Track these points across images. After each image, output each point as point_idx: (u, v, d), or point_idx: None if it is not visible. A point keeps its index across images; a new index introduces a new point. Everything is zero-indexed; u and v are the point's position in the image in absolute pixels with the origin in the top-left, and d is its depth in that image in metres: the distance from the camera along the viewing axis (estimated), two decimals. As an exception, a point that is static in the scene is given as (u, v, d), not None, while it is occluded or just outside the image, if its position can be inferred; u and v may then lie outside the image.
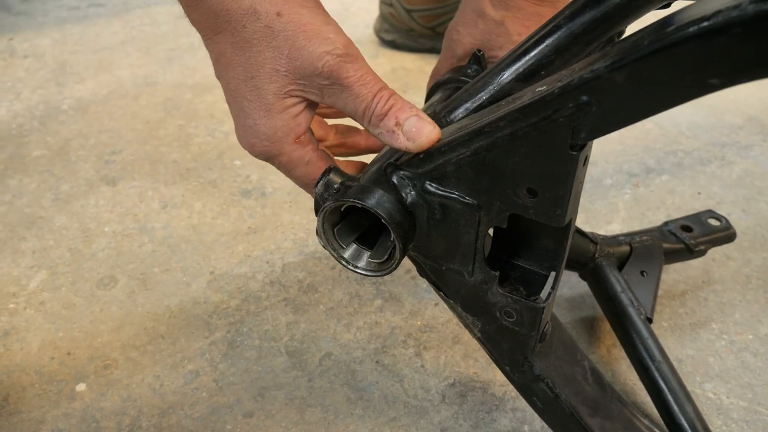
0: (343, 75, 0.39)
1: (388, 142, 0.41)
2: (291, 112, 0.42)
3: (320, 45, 0.39)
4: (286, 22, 0.38)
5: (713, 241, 0.69)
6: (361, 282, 0.74)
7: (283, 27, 0.38)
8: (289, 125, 0.42)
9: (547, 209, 0.38)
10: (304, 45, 0.39)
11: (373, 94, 0.40)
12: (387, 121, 0.40)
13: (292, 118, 0.42)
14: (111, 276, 0.75)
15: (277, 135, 0.42)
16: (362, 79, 0.40)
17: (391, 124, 0.40)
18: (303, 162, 0.44)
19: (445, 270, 0.46)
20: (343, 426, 0.58)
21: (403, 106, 0.40)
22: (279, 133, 0.42)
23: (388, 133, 0.40)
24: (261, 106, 0.41)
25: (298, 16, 0.38)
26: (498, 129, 0.37)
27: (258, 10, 0.38)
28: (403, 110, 0.40)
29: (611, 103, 0.32)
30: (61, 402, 0.61)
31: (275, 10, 0.38)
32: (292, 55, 0.39)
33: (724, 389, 0.62)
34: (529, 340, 0.46)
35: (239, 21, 0.39)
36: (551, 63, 0.46)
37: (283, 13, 0.38)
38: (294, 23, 0.38)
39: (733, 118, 1.05)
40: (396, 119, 0.40)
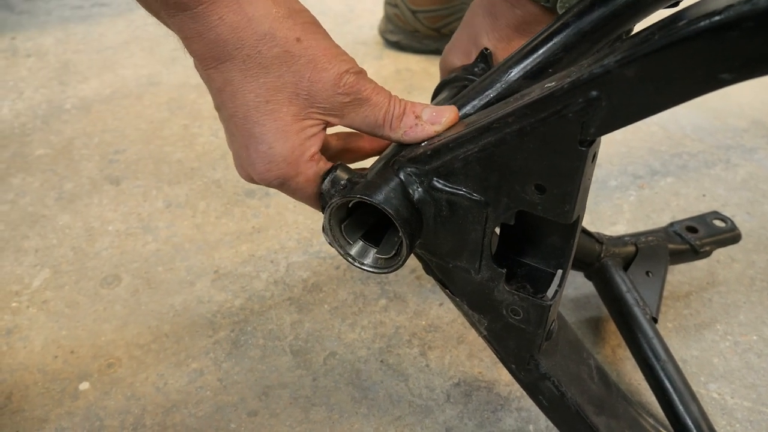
0: (362, 89, 0.42)
1: (413, 136, 0.43)
2: (307, 133, 0.43)
3: (340, 65, 0.41)
4: (306, 47, 0.40)
5: (718, 242, 0.68)
6: (365, 282, 0.73)
7: (304, 52, 0.40)
8: (305, 145, 0.43)
9: (555, 206, 0.38)
10: (326, 67, 0.40)
11: (389, 100, 0.43)
12: (407, 119, 0.43)
13: (307, 139, 0.43)
14: (115, 275, 0.75)
15: (294, 155, 0.43)
16: (376, 89, 0.43)
17: (411, 120, 0.43)
18: (317, 180, 0.45)
19: (451, 267, 0.46)
20: (347, 425, 0.58)
21: (415, 103, 0.44)
22: (296, 153, 0.43)
23: (411, 128, 0.43)
24: (277, 129, 0.42)
25: (317, 42, 0.40)
26: (506, 125, 0.37)
27: (276, 36, 0.39)
28: (416, 106, 0.44)
29: (621, 98, 0.32)
30: (65, 400, 0.61)
31: (294, 36, 0.39)
32: (313, 78, 0.40)
33: (728, 389, 0.62)
34: (535, 338, 0.46)
35: (253, 47, 0.39)
36: (559, 61, 0.46)
37: (303, 39, 0.40)
38: (314, 48, 0.40)
39: (738, 122, 1.05)
40: (414, 113, 0.43)
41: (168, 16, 0.38)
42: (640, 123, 1.05)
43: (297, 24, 0.39)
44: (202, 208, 0.85)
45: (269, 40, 0.39)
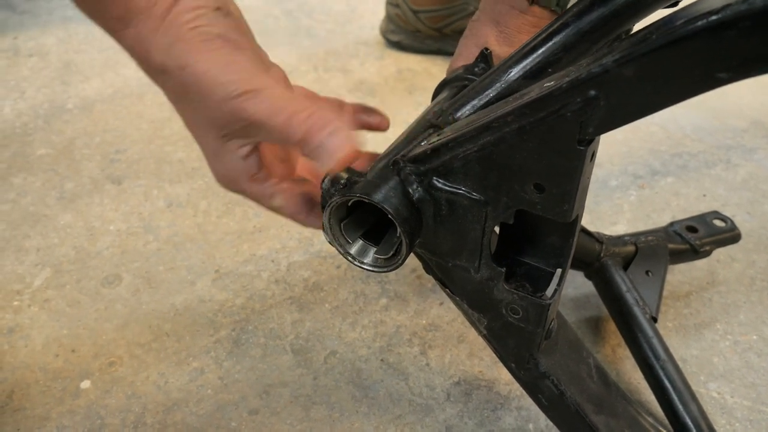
0: (249, 114, 0.37)
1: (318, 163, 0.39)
2: (238, 154, 0.41)
3: (218, 91, 0.37)
4: (190, 74, 0.36)
5: (718, 241, 0.69)
6: (366, 281, 0.74)
7: (189, 80, 0.37)
8: (240, 166, 0.42)
9: (554, 205, 0.38)
10: (208, 95, 0.37)
11: (284, 123, 0.37)
12: (308, 145, 0.38)
13: (241, 159, 0.41)
14: (116, 274, 0.75)
15: (231, 176, 0.42)
16: (270, 110, 0.37)
17: (313, 146, 0.38)
18: (266, 197, 0.44)
19: (451, 266, 0.46)
20: (348, 423, 0.58)
21: (320, 124, 0.38)
22: (233, 174, 0.42)
23: (312, 154, 0.38)
24: (211, 151, 0.42)
25: (199, 65, 0.36)
26: (506, 124, 0.37)
27: (167, 67, 0.37)
28: (320, 129, 0.38)
29: (619, 97, 0.32)
30: (66, 399, 0.61)
31: (179, 64, 0.36)
32: (207, 106, 0.38)
33: (728, 389, 0.62)
34: (534, 337, 0.46)
35: (158, 79, 0.39)
36: (558, 61, 0.46)
37: (187, 65, 0.36)
38: (196, 75, 0.36)
39: (738, 122, 1.05)
40: (317, 142, 0.38)
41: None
42: (640, 123, 1.05)
43: (184, 50, 0.36)
44: (204, 207, 0.86)
45: (162, 72, 0.37)
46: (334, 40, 1.34)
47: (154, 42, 0.37)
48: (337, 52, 1.29)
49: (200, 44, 0.37)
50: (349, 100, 1.16)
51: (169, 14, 0.36)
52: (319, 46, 1.31)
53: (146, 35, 0.36)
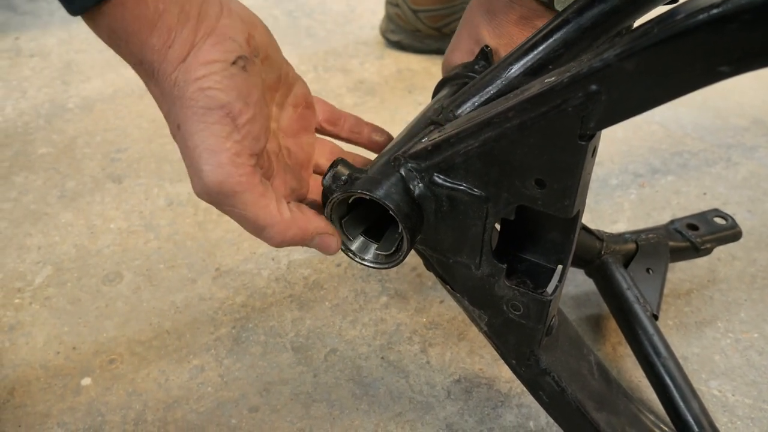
0: (223, 210, 0.38)
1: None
2: None
3: (193, 177, 0.37)
4: (181, 137, 0.36)
5: (719, 239, 0.68)
6: (366, 279, 0.74)
7: (179, 142, 0.36)
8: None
9: (555, 200, 0.38)
10: (187, 166, 0.37)
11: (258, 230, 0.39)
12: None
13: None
14: (116, 272, 0.75)
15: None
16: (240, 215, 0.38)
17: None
18: None
19: (452, 263, 0.46)
20: (348, 421, 0.58)
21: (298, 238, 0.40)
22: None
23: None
24: None
25: (188, 135, 0.35)
26: (507, 120, 0.37)
27: (168, 116, 0.37)
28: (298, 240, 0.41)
29: (621, 92, 0.32)
30: (67, 396, 0.61)
31: (177, 122, 0.36)
32: (189, 170, 0.37)
33: (729, 387, 0.62)
34: (535, 334, 0.46)
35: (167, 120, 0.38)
36: (559, 57, 0.46)
37: (181, 127, 0.36)
38: (183, 142, 0.36)
39: (739, 121, 1.05)
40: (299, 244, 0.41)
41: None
42: (640, 122, 1.05)
43: (184, 108, 0.35)
44: (204, 206, 0.86)
45: (167, 116, 0.37)
46: (334, 40, 1.34)
47: (165, 87, 0.35)
48: (337, 51, 1.29)
49: (199, 113, 0.35)
50: (349, 99, 1.16)
51: (183, 63, 0.35)
52: (318, 45, 1.31)
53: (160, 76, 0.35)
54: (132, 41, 0.34)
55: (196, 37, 0.35)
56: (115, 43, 0.35)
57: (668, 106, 1.09)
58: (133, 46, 0.34)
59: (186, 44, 0.35)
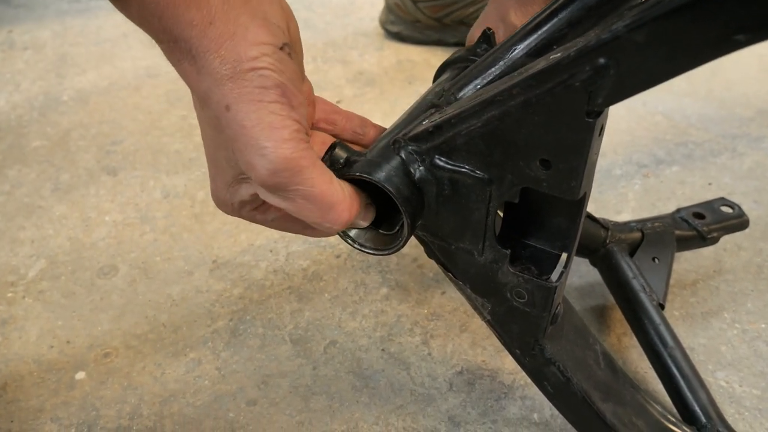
0: (282, 190, 0.36)
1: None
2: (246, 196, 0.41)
3: (255, 157, 0.35)
4: (232, 118, 0.34)
5: (726, 228, 0.67)
6: (366, 270, 0.72)
7: (228, 123, 0.34)
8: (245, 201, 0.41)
9: (561, 181, 0.37)
10: (243, 150, 0.35)
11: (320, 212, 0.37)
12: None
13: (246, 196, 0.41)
14: (111, 265, 0.74)
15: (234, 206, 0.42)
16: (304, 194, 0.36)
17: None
18: (267, 221, 0.43)
19: (454, 249, 0.45)
20: (348, 414, 0.57)
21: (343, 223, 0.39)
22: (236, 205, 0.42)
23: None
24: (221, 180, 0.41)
25: (243, 115, 0.34)
26: (511, 97, 0.35)
27: (210, 98, 0.35)
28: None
29: (631, 65, 0.30)
30: (60, 390, 0.60)
31: (225, 102, 0.34)
32: (236, 153, 0.36)
33: (736, 378, 0.61)
34: (540, 322, 0.44)
35: (200, 101, 0.37)
36: (564, 37, 0.44)
37: (231, 108, 0.34)
38: (237, 123, 0.34)
39: (744, 111, 1.04)
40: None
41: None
42: (643, 112, 1.04)
43: (236, 89, 0.33)
44: (201, 197, 0.84)
45: (206, 100, 0.35)
46: (333, 32, 1.32)
47: (206, 65, 0.33)
48: (336, 43, 1.27)
49: (254, 92, 0.34)
50: (349, 90, 1.14)
51: (230, 41, 0.33)
52: (318, 37, 1.30)
53: (200, 54, 0.33)
54: (166, 16, 0.32)
55: (240, 17, 0.33)
56: (146, 19, 0.32)
57: (672, 96, 1.07)
58: (168, 20, 0.32)
59: (230, 22, 0.33)
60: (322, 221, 0.38)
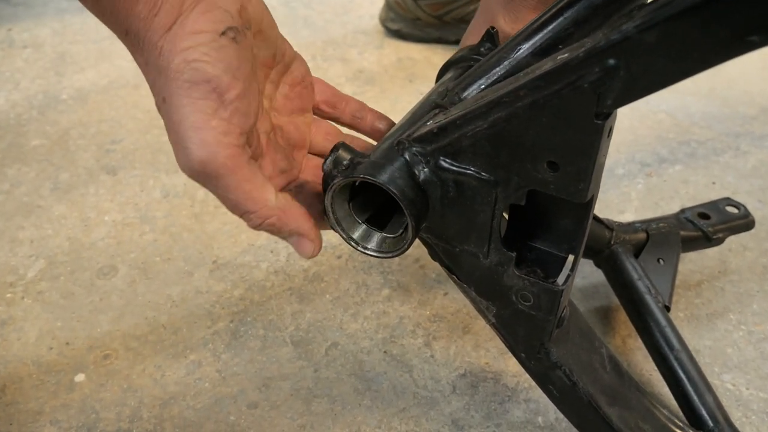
0: (208, 189, 0.37)
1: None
2: None
3: (178, 154, 0.35)
4: (165, 112, 0.34)
5: (732, 228, 0.66)
6: (368, 271, 0.72)
7: (162, 115, 0.35)
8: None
9: (568, 184, 0.36)
10: (173, 145, 0.35)
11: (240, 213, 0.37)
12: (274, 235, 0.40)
13: None
14: (111, 265, 0.73)
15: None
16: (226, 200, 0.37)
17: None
18: None
19: (458, 252, 0.44)
20: (350, 417, 0.56)
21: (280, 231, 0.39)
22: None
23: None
24: None
25: (173, 110, 0.34)
26: (518, 98, 0.35)
27: (153, 87, 0.35)
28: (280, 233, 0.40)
29: (641, 66, 0.30)
30: (60, 393, 0.59)
31: (162, 95, 0.34)
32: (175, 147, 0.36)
33: (743, 380, 0.60)
34: (546, 325, 0.44)
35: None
36: (569, 37, 0.44)
37: (166, 100, 0.34)
38: (168, 116, 0.34)
39: (748, 109, 1.03)
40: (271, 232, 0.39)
41: None
42: (646, 111, 1.03)
43: (168, 82, 0.33)
44: (201, 197, 0.84)
45: (151, 90, 0.35)
46: (333, 30, 1.31)
47: (150, 57, 0.33)
48: (336, 41, 1.26)
49: (184, 87, 0.33)
50: (348, 89, 1.13)
51: (169, 32, 0.33)
52: (317, 35, 1.29)
53: (145, 46, 0.33)
54: (117, 9, 0.32)
55: (184, 5, 0.33)
56: (99, 11, 0.33)
57: (675, 95, 1.07)
58: (119, 14, 0.32)
59: (173, 12, 0.32)
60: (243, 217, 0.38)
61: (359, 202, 0.44)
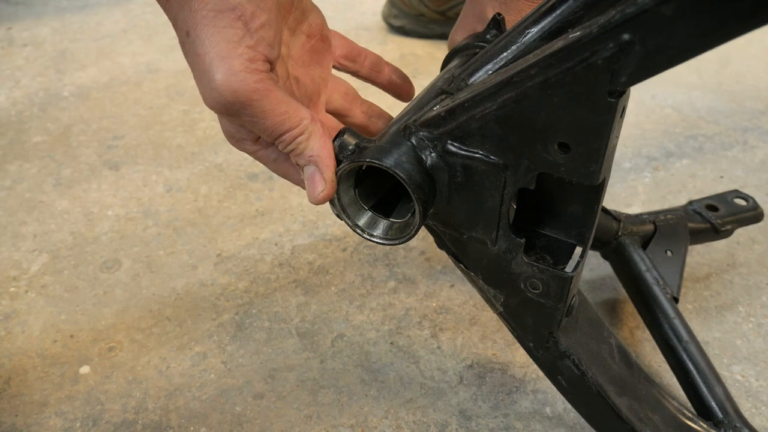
0: (235, 120, 0.36)
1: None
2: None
3: (204, 87, 0.35)
4: (190, 45, 0.34)
5: (740, 220, 0.66)
6: (373, 264, 0.71)
7: (187, 51, 0.35)
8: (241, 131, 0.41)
9: (580, 166, 0.35)
10: (198, 78, 0.35)
11: (273, 137, 0.37)
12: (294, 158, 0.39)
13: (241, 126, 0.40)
14: (114, 259, 0.73)
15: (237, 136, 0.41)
16: (256, 125, 0.36)
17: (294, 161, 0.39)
18: (270, 161, 0.42)
19: (466, 239, 0.43)
20: (357, 407, 0.56)
21: (306, 153, 0.38)
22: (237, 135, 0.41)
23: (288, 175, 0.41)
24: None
25: (198, 42, 0.34)
26: (529, 78, 0.34)
27: (176, 24, 0.35)
28: (302, 156, 0.38)
29: (657, 40, 0.29)
30: (65, 385, 0.58)
31: (186, 28, 0.34)
32: (197, 76, 0.35)
33: (752, 372, 0.60)
34: (555, 314, 0.43)
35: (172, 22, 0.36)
36: (579, 20, 0.43)
37: (190, 34, 0.34)
38: (193, 50, 0.34)
39: (755, 104, 1.02)
40: (296, 161, 0.39)
41: None
42: (653, 105, 1.02)
43: (194, 12, 0.33)
44: (204, 191, 0.83)
45: (174, 26, 0.35)
46: (335, 26, 1.29)
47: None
48: (340, 37, 1.26)
49: (209, 17, 0.33)
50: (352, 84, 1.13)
51: None
52: (321, 32, 1.28)
53: None
54: None
55: None
56: None
57: (681, 89, 1.06)
58: None
59: None
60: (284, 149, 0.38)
61: (364, 190, 0.43)
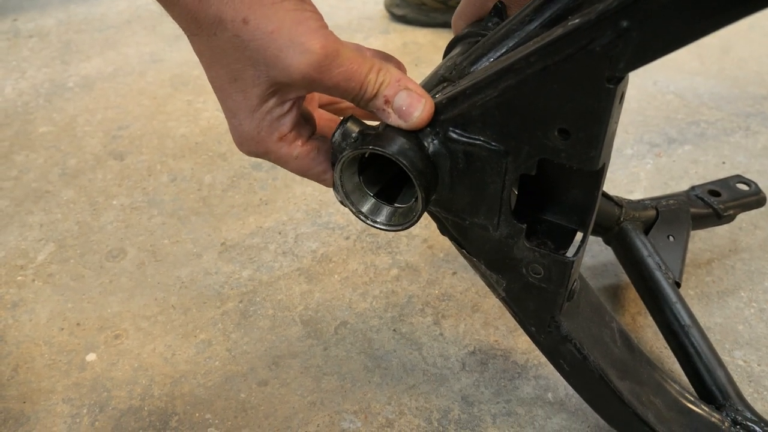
0: (325, 79, 0.37)
1: (383, 119, 0.40)
2: (275, 113, 0.40)
3: (293, 56, 0.35)
4: (254, 29, 0.35)
5: (743, 205, 0.66)
6: (376, 252, 0.72)
7: (252, 36, 0.35)
8: (273, 126, 0.41)
9: (580, 151, 0.36)
10: (277, 55, 0.35)
11: (360, 83, 0.38)
12: (376, 101, 0.39)
13: (276, 119, 0.40)
14: (120, 248, 0.73)
15: (261, 135, 0.41)
16: (346, 74, 0.37)
17: (381, 103, 0.39)
18: (292, 158, 0.42)
19: (468, 225, 0.44)
20: (360, 393, 0.57)
21: (391, 82, 0.39)
22: (263, 134, 0.41)
23: (379, 111, 0.39)
24: (246, 107, 0.40)
25: (265, 21, 0.34)
26: (529, 65, 0.34)
27: (224, 19, 0.35)
28: (391, 86, 0.39)
29: (655, 26, 0.29)
30: (72, 372, 0.59)
31: (241, 17, 0.34)
32: (268, 63, 0.36)
33: (754, 357, 0.60)
34: (557, 298, 0.44)
35: (209, 29, 0.36)
36: (579, 8, 0.43)
37: (249, 20, 0.34)
38: (261, 31, 0.35)
39: (758, 89, 1.02)
40: (385, 98, 0.39)
41: None
42: (654, 92, 1.02)
43: (248, 3, 0.34)
44: (208, 181, 0.84)
45: (218, 24, 0.35)
46: (338, 16, 1.31)
47: None
48: (341, 27, 1.26)
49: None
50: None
51: None
52: (323, 21, 1.28)
53: None
54: None
55: None
56: None
57: (683, 75, 1.06)
58: None
59: None
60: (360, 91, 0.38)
61: (368, 177, 0.44)
